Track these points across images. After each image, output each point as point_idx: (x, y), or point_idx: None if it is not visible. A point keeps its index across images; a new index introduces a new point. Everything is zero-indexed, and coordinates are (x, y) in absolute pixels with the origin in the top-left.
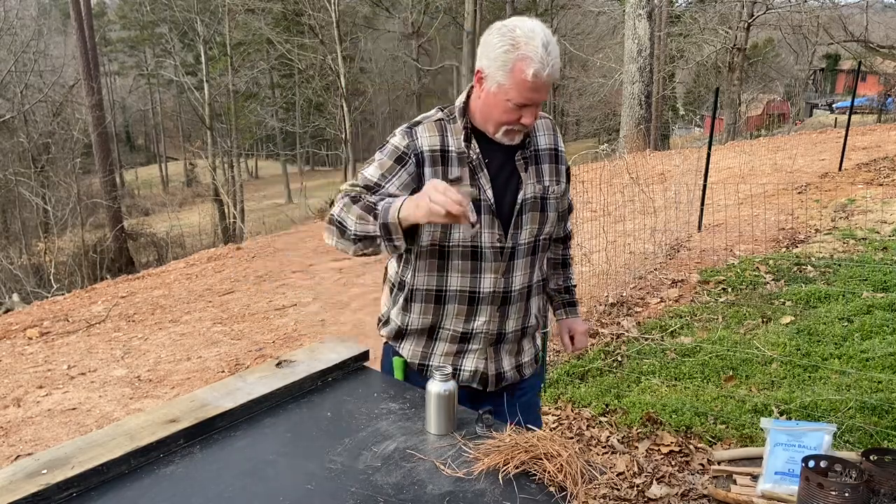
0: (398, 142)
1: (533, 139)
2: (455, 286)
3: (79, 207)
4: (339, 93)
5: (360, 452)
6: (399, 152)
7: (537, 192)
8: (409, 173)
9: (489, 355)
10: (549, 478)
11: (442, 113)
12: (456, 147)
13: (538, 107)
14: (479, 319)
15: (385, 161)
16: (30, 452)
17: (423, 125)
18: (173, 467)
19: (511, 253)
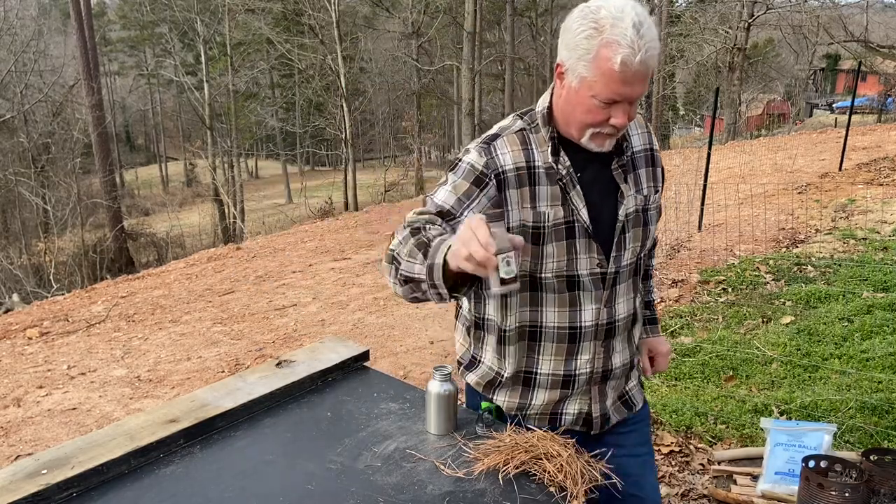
0: (474, 159)
1: (629, 141)
2: (552, 322)
3: (79, 207)
4: (339, 93)
5: (360, 452)
6: (477, 172)
7: (639, 205)
8: (490, 198)
9: (593, 395)
10: (549, 478)
11: (522, 121)
12: (542, 161)
13: (633, 104)
14: (582, 358)
15: (460, 183)
16: (30, 452)
17: (502, 138)
18: (173, 467)
19: (614, 279)
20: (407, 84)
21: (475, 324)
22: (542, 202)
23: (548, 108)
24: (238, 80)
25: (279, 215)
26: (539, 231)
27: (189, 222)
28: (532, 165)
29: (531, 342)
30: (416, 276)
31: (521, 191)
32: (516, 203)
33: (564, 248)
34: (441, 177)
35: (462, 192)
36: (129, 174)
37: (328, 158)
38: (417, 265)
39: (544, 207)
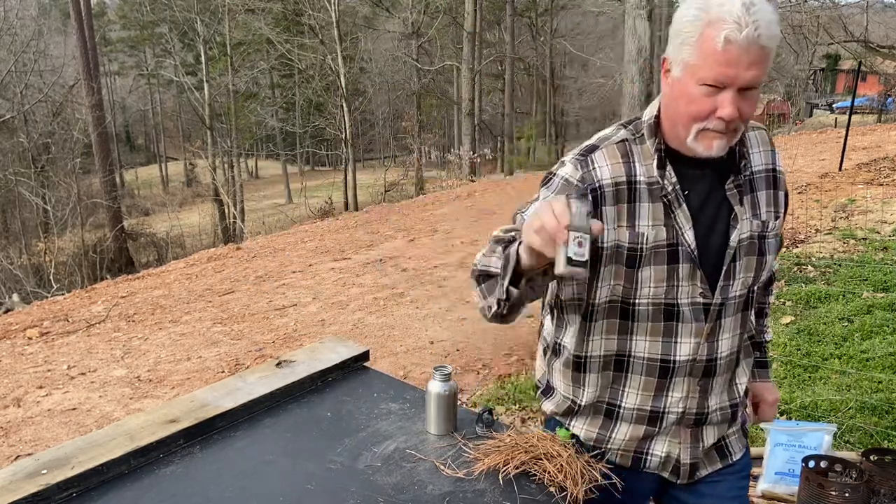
0: (569, 173)
1: (749, 159)
2: (642, 353)
3: (79, 207)
4: (339, 93)
5: (360, 453)
6: (570, 187)
7: (754, 231)
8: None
9: (684, 439)
10: (550, 478)
11: (625, 131)
12: (645, 176)
13: (745, 95)
14: (674, 395)
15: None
16: (30, 452)
17: (600, 150)
18: (173, 467)
19: (718, 311)
20: (407, 84)
21: (553, 348)
22: (641, 221)
23: (655, 118)
24: (238, 80)
25: (279, 215)
26: (636, 253)
27: (189, 222)
28: (633, 180)
29: (616, 373)
30: (491, 269)
31: (619, 208)
32: (612, 221)
33: (664, 273)
34: (441, 176)
35: None
36: (129, 174)
37: (328, 158)
38: (494, 258)
39: (644, 227)
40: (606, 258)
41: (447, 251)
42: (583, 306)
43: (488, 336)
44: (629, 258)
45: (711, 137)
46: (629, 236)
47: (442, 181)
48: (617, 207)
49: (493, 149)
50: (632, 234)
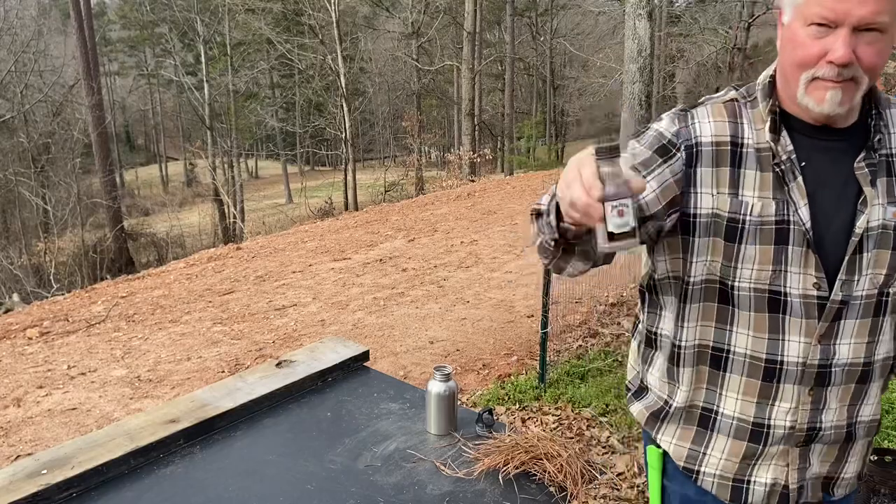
0: (664, 126)
1: (885, 137)
2: (743, 347)
3: (79, 207)
4: (339, 93)
5: (360, 453)
6: (664, 140)
7: (889, 220)
8: (675, 172)
9: (792, 460)
10: (550, 478)
11: (736, 92)
12: (754, 140)
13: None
14: (781, 405)
15: (640, 151)
16: (30, 452)
17: (704, 107)
18: (173, 467)
19: (838, 310)
20: (407, 84)
21: (647, 339)
22: (746, 190)
23: (771, 78)
24: (238, 80)
25: (279, 215)
26: (737, 225)
27: (189, 222)
28: (739, 142)
29: (713, 369)
30: (542, 206)
31: (719, 171)
32: (710, 185)
33: (770, 254)
34: (441, 176)
35: (639, 161)
36: (129, 174)
37: (328, 158)
38: (546, 196)
39: (749, 196)
40: (702, 227)
41: (447, 251)
42: (679, 285)
43: (488, 336)
44: (729, 230)
45: (822, 87)
46: (730, 204)
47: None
48: (717, 171)
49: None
50: (733, 203)
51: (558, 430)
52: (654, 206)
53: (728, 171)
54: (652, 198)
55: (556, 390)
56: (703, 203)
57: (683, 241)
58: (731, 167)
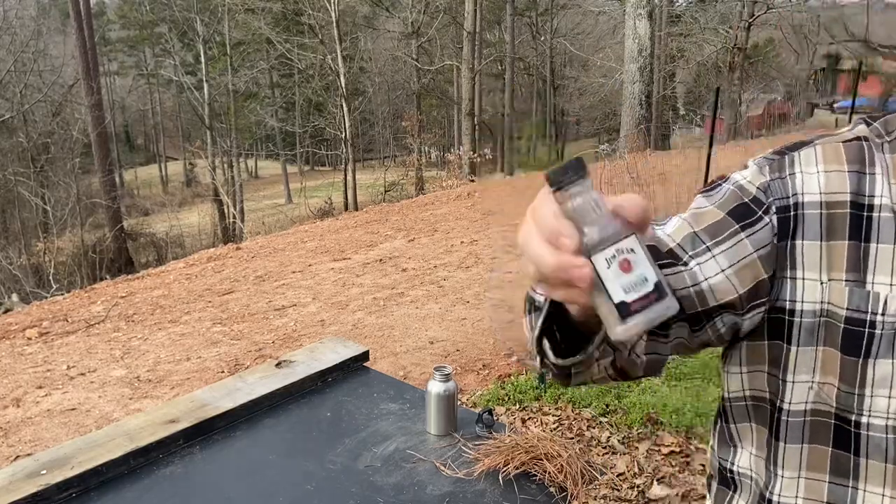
0: (748, 177)
1: None
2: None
3: (78, 207)
4: (338, 92)
5: (359, 453)
6: (745, 197)
7: None
8: (758, 244)
9: None
10: (550, 478)
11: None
12: (891, 199)
13: None
14: None
15: (709, 212)
16: (29, 453)
17: (811, 148)
18: (173, 468)
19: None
20: (407, 84)
21: (720, 476)
22: (878, 275)
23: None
24: (238, 79)
25: (279, 215)
26: (863, 330)
27: (189, 222)
28: (866, 202)
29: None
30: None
31: (832, 247)
32: (817, 266)
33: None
34: (441, 176)
35: (707, 224)
36: (129, 174)
37: (328, 158)
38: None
39: (882, 285)
40: (804, 331)
41: (447, 251)
42: (767, 414)
43: (488, 336)
44: (850, 338)
45: None
46: (851, 298)
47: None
48: (828, 246)
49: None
50: (857, 296)
51: (558, 431)
52: (723, 293)
53: (847, 247)
54: (720, 281)
55: (556, 390)
56: (807, 294)
57: (774, 348)
58: (851, 240)
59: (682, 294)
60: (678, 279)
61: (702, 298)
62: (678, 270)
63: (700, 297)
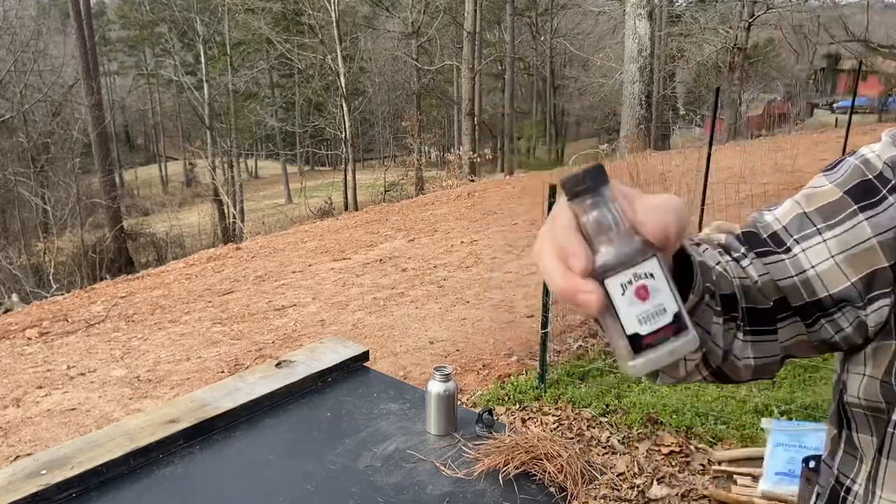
0: (878, 150)
1: None
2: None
3: (78, 207)
4: (338, 92)
5: (359, 453)
6: (869, 173)
7: None
8: (880, 228)
9: None
10: (550, 478)
11: None
12: None
13: None
14: None
15: (825, 191)
16: (29, 453)
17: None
18: (173, 468)
19: None
20: (407, 84)
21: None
22: None
23: None
24: (238, 79)
25: (279, 215)
26: None
27: (188, 222)
28: None
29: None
30: None
31: None
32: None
33: None
34: (441, 176)
35: (821, 205)
36: (129, 174)
37: (328, 158)
38: None
39: None
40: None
41: (447, 251)
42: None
43: (488, 336)
44: None
45: None
46: None
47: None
48: None
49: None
50: None
51: (558, 431)
52: (834, 283)
53: None
54: (829, 268)
55: (556, 390)
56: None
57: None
58: None
59: (786, 284)
60: (779, 267)
61: (809, 288)
62: (779, 258)
63: (806, 286)
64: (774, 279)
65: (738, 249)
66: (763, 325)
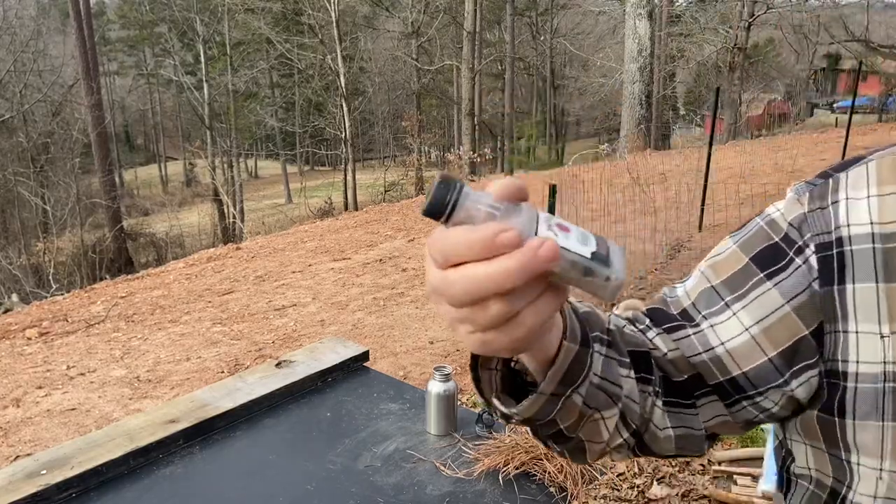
0: (783, 209)
1: None
2: None
3: (78, 207)
4: (338, 92)
5: (359, 453)
6: (777, 235)
7: None
8: (790, 293)
9: None
10: (550, 478)
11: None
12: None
13: None
14: None
15: (730, 258)
16: (29, 453)
17: (863, 166)
18: (173, 468)
19: None
20: (407, 84)
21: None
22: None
23: None
24: (237, 79)
25: (279, 215)
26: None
27: (188, 222)
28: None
29: None
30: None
31: (891, 289)
32: (871, 315)
33: None
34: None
35: (727, 275)
36: (129, 174)
37: (328, 158)
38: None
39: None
40: (862, 401)
41: None
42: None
43: None
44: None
45: None
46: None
47: None
48: (887, 288)
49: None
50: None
51: None
52: (749, 359)
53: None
54: (743, 343)
55: None
56: (863, 352)
57: (826, 424)
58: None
59: (696, 360)
60: (688, 343)
61: (720, 366)
62: (686, 334)
63: (717, 364)
64: (685, 355)
65: (644, 322)
66: (680, 397)
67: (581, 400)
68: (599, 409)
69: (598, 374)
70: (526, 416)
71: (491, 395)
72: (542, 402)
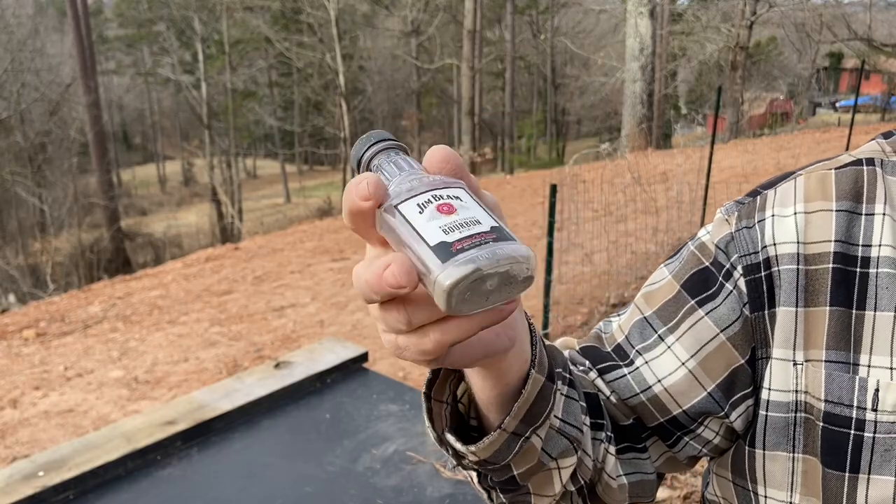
0: (712, 230)
1: None
2: None
3: (75, 207)
4: (337, 91)
5: (359, 454)
6: (707, 259)
7: None
8: (725, 321)
9: None
10: None
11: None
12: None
13: None
14: None
15: (663, 287)
16: (26, 454)
17: (790, 182)
18: (170, 469)
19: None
20: (406, 82)
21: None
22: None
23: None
24: (236, 78)
25: (277, 215)
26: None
27: (186, 222)
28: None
29: None
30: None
31: (809, 314)
32: (787, 340)
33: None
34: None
35: (660, 305)
36: (126, 173)
37: (327, 157)
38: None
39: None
40: (772, 430)
41: None
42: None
43: None
44: (830, 442)
45: None
46: (830, 387)
47: None
48: (805, 313)
49: (494, 147)
50: (837, 384)
51: None
52: (688, 395)
53: (829, 315)
54: (681, 379)
55: None
56: (775, 380)
57: (736, 453)
58: (835, 306)
59: (634, 403)
60: (624, 384)
61: (659, 406)
62: (622, 374)
63: (656, 404)
64: (623, 398)
65: (583, 363)
66: (632, 441)
67: (540, 444)
68: (557, 457)
69: (558, 416)
70: (483, 456)
71: (442, 431)
72: (503, 441)
